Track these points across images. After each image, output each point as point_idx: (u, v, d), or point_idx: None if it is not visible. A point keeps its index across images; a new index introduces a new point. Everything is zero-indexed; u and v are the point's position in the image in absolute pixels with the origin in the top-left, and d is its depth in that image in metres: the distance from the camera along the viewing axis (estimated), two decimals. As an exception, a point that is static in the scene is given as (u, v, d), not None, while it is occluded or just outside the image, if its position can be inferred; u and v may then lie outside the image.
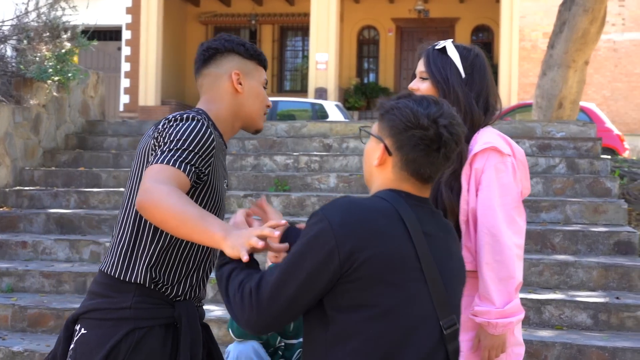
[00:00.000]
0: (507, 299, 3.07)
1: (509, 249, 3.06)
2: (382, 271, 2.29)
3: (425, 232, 2.39)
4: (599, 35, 13.04)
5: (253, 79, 3.02)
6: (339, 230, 2.28)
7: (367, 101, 24.91)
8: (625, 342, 5.59)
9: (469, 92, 3.24)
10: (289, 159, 9.13)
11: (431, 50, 3.31)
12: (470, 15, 25.74)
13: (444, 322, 2.38)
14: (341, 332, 2.31)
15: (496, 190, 3.10)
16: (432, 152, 2.38)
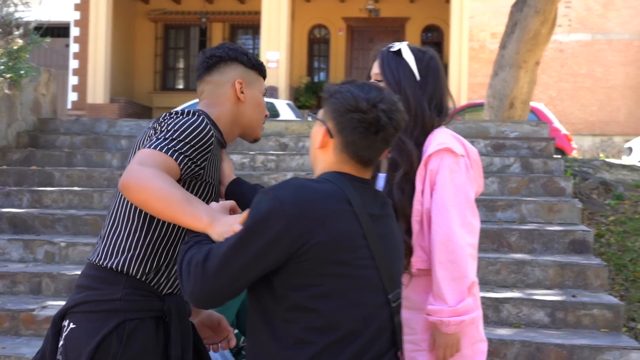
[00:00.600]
0: (459, 298, 3.10)
1: (462, 248, 3.10)
2: (332, 251, 2.37)
3: (370, 212, 2.49)
4: (549, 36, 13.21)
5: (254, 89, 3.07)
6: (290, 211, 2.33)
7: (317, 100, 24.91)
8: (582, 340, 5.67)
9: (421, 95, 3.26)
10: (245, 158, 9.10)
11: (386, 52, 3.33)
12: (421, 15, 25.89)
13: (391, 296, 2.51)
14: (293, 309, 2.38)
15: (450, 190, 3.13)
16: (370, 135, 2.47)
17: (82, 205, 8.36)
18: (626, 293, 6.95)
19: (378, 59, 3.35)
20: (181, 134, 2.72)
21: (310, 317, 2.38)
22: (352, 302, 2.42)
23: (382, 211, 2.60)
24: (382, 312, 2.50)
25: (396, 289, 2.57)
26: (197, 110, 2.92)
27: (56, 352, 2.81)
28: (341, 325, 2.40)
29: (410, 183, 3.20)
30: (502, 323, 6.12)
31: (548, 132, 9.92)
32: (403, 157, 3.20)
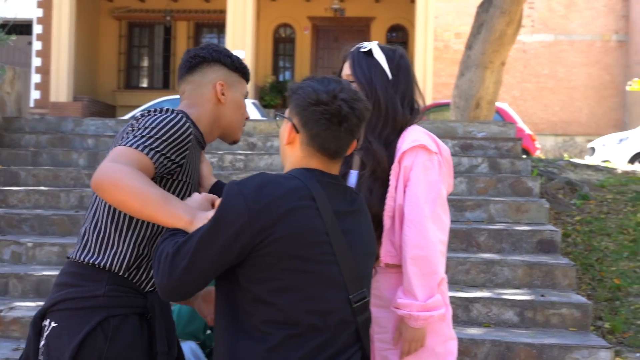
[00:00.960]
0: (429, 294, 3.12)
1: (433, 244, 3.12)
2: (292, 247, 2.42)
3: (336, 209, 2.53)
4: (515, 36, 13.31)
5: (236, 91, 3.07)
6: (253, 206, 2.40)
7: (283, 99, 24.89)
8: (551, 339, 5.72)
9: (393, 94, 3.29)
10: (214, 158, 9.06)
11: (356, 52, 3.34)
12: (386, 15, 25.95)
13: (353, 296, 2.54)
14: (254, 302, 2.44)
15: (423, 187, 3.16)
16: (333, 126, 2.53)
17: (48, 205, 8.28)
18: (593, 292, 7.02)
19: (349, 59, 3.36)
20: (158, 132, 2.71)
21: (269, 310, 2.44)
22: (311, 297, 2.46)
23: (350, 207, 2.64)
24: (343, 309, 2.54)
25: (361, 288, 2.59)
26: (177, 110, 2.90)
27: (38, 353, 2.78)
28: (300, 319, 2.45)
29: (379, 182, 3.23)
30: (472, 322, 6.16)
31: (515, 132, 9.99)
32: (369, 157, 3.23)
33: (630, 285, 7.10)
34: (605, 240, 8.08)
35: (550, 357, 5.55)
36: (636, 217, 8.65)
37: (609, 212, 8.89)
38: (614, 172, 11.35)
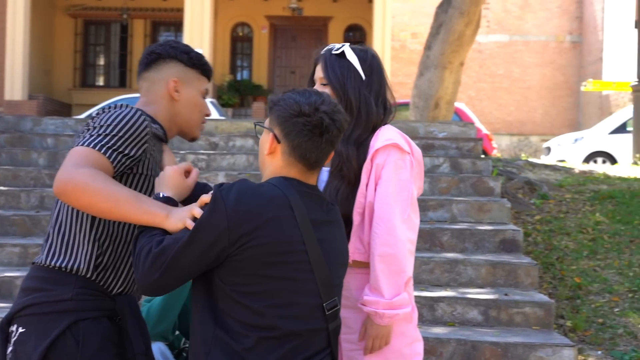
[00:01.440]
0: (396, 292, 3.15)
1: (402, 243, 3.15)
2: (267, 255, 2.50)
3: (312, 219, 2.60)
4: (474, 37, 13.44)
5: (192, 88, 3.03)
6: (233, 214, 2.47)
7: (240, 98, 24.84)
8: (516, 338, 5.77)
9: (367, 94, 3.31)
10: (176, 157, 8.99)
11: (329, 55, 3.35)
12: (343, 15, 26.01)
13: (327, 304, 2.62)
14: (230, 302, 2.51)
15: (395, 185, 3.19)
16: (315, 137, 2.61)
17: (8, 205, 8.17)
18: (554, 291, 7.10)
19: (321, 62, 3.37)
20: (113, 129, 2.70)
21: (245, 312, 2.51)
22: (286, 303, 2.54)
23: (327, 217, 2.72)
24: (315, 315, 2.61)
25: (333, 296, 2.66)
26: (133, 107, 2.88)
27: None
28: (274, 324, 2.52)
29: (345, 181, 3.25)
30: (437, 322, 6.20)
31: (475, 132, 10.08)
32: (335, 156, 3.23)
33: (590, 284, 7.20)
34: (565, 239, 8.18)
35: (515, 356, 5.61)
36: (595, 217, 8.78)
37: (568, 212, 9.01)
38: (571, 172, 11.51)
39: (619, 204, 9.22)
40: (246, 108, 24.15)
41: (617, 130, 19.18)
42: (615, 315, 6.67)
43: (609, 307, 6.83)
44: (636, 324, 6.51)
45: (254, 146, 9.39)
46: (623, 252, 7.86)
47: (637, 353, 5.96)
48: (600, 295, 7.05)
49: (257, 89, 25.15)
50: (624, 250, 7.91)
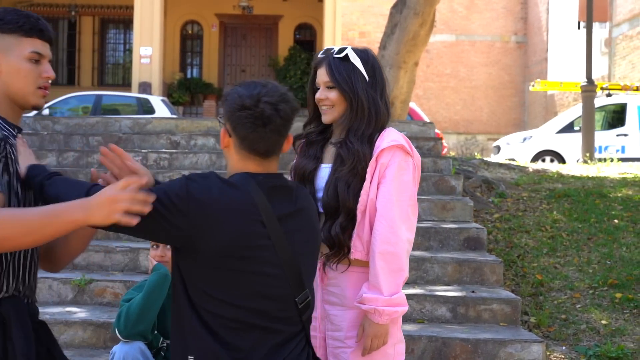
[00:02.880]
0: (394, 290, 3.20)
1: (402, 242, 3.21)
2: (229, 249, 2.56)
3: (278, 213, 2.65)
4: (428, 37, 13.56)
5: (12, 55, 2.70)
6: (194, 203, 2.54)
7: (191, 96, 24.73)
8: (485, 334, 5.87)
9: (374, 94, 3.36)
10: (137, 156, 8.98)
11: (332, 59, 3.39)
12: (294, 13, 26.05)
13: (298, 299, 2.68)
14: (200, 299, 2.58)
15: (397, 186, 3.24)
16: (259, 128, 2.65)
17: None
18: (517, 288, 7.22)
19: (324, 66, 3.40)
20: None
21: (216, 303, 2.58)
22: (251, 297, 2.60)
23: (294, 207, 2.75)
24: (286, 308, 2.67)
25: (304, 289, 2.71)
26: None
27: None
28: (239, 316, 2.59)
29: (358, 178, 3.28)
30: (406, 319, 6.26)
31: (434, 132, 10.19)
32: (350, 155, 3.28)
33: (551, 281, 7.33)
34: (524, 237, 8.32)
35: (485, 352, 5.71)
36: (552, 215, 8.94)
37: (526, 210, 9.16)
38: (525, 171, 11.68)
39: (574, 203, 9.40)
40: (197, 106, 24.07)
41: (564, 130, 19.49)
42: (578, 312, 6.81)
43: (571, 304, 6.97)
44: (598, 319, 6.66)
45: (215, 145, 9.40)
46: (582, 250, 8.02)
47: (601, 348, 6.09)
48: (561, 291, 7.19)
49: (208, 87, 25.08)
50: (582, 248, 8.07)
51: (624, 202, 9.44)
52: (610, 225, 8.62)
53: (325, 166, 3.39)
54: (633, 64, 26.08)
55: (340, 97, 3.34)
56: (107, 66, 27.12)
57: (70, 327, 5.91)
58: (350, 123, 3.33)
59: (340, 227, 3.27)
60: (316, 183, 3.40)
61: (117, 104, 19.95)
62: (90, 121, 10.34)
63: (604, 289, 7.17)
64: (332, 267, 3.30)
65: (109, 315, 6.07)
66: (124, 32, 26.11)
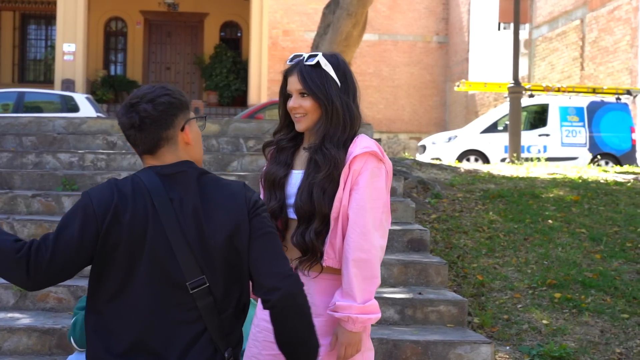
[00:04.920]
0: (367, 298, 3.20)
1: (375, 249, 3.22)
2: (124, 239, 2.65)
3: (172, 197, 2.72)
4: (360, 38, 13.66)
5: None
6: (98, 209, 2.65)
7: (115, 94, 24.41)
8: (434, 336, 5.93)
9: (347, 100, 3.37)
10: (74, 157, 8.82)
11: (304, 66, 3.38)
12: (219, 11, 25.93)
13: (190, 283, 2.69)
14: (99, 288, 2.70)
15: (370, 192, 3.25)
16: (127, 131, 2.81)
17: None
18: (459, 289, 7.31)
19: (296, 74, 3.37)
20: None
21: (102, 297, 2.72)
22: (139, 285, 2.68)
23: (187, 195, 2.78)
24: (176, 296, 2.70)
25: (199, 275, 2.71)
26: None
27: None
28: (128, 310, 2.69)
29: (333, 184, 3.28)
30: (355, 321, 6.29)
31: (372, 132, 10.24)
32: (327, 161, 3.27)
33: (492, 281, 7.45)
34: (463, 237, 8.42)
35: (435, 353, 5.77)
36: (488, 215, 9.08)
37: (462, 211, 9.28)
38: (457, 171, 11.82)
39: (509, 203, 9.56)
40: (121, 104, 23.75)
41: (488, 130, 19.83)
42: (519, 312, 6.94)
43: (512, 304, 7.09)
44: (539, 319, 6.79)
45: (153, 145, 9.28)
46: (519, 250, 8.16)
47: (544, 348, 6.21)
48: (502, 292, 7.31)
49: (132, 84, 24.79)
50: (519, 248, 8.21)
51: (556, 203, 9.64)
52: (545, 225, 8.79)
53: (297, 172, 3.39)
54: (552, 65, 26.68)
55: (314, 104, 3.32)
56: (28, 62, 26.57)
57: (14, 334, 5.77)
58: (326, 130, 3.32)
59: (314, 233, 3.27)
60: (287, 189, 3.39)
61: (40, 102, 19.58)
62: (23, 121, 10.13)
63: (543, 289, 7.32)
64: (304, 273, 3.29)
65: (53, 321, 5.95)
66: (46, 27, 25.64)
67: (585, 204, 9.65)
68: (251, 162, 8.96)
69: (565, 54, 25.79)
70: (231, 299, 2.78)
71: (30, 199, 7.73)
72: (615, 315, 6.87)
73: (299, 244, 3.27)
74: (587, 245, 8.29)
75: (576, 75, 24.86)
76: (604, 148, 19.30)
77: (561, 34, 26.12)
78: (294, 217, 3.34)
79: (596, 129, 19.49)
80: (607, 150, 19.27)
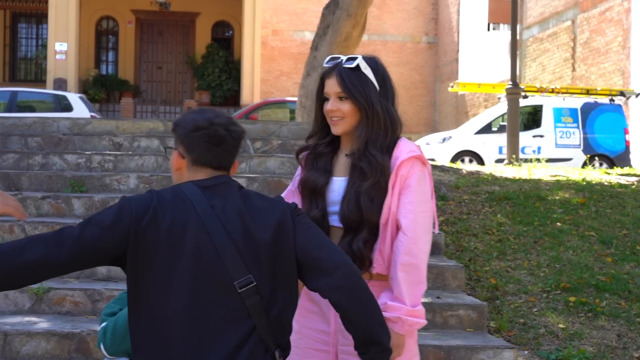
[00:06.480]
0: (415, 302, 3.19)
1: (424, 254, 3.20)
2: (163, 241, 2.64)
3: (213, 205, 2.72)
4: (360, 39, 13.62)
5: None
6: (136, 208, 2.66)
7: (107, 93, 24.28)
8: (456, 341, 5.91)
9: (387, 104, 3.33)
10: (81, 158, 8.75)
11: (343, 69, 3.34)
12: (211, 11, 25.84)
13: (238, 282, 2.67)
14: (139, 293, 2.68)
15: (418, 196, 3.22)
16: (213, 147, 2.79)
17: None
18: (473, 292, 7.29)
19: (335, 77, 3.33)
20: None
21: (151, 298, 2.71)
22: (188, 286, 2.67)
23: (229, 203, 2.77)
24: (225, 295, 2.68)
25: (247, 274, 2.70)
26: None
27: None
28: (177, 308, 2.67)
29: (381, 191, 3.25)
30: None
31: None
32: (374, 169, 3.24)
33: (505, 285, 7.43)
34: (473, 240, 8.40)
35: (458, 358, 5.74)
36: (497, 218, 9.07)
37: (470, 213, 9.26)
38: (460, 173, 11.82)
39: (515, 206, 9.55)
40: (114, 103, 23.65)
41: (482, 130, 19.83)
42: (535, 315, 6.92)
43: (528, 307, 7.07)
44: (555, 323, 6.77)
45: (159, 147, 9.23)
46: (530, 253, 8.15)
47: (562, 352, 6.20)
48: (516, 295, 7.29)
49: (124, 84, 24.69)
50: (530, 251, 8.20)
51: (563, 205, 9.64)
52: (554, 228, 8.79)
53: (338, 179, 3.35)
54: (543, 65, 26.74)
55: (353, 108, 3.29)
56: (19, 61, 26.40)
57: (32, 338, 5.70)
58: (367, 134, 3.28)
59: (363, 242, 3.24)
60: (328, 196, 3.35)
61: (32, 101, 19.46)
62: (27, 121, 10.04)
63: (557, 293, 7.30)
64: None
65: (72, 325, 5.89)
66: (37, 26, 25.47)
67: (592, 206, 9.65)
68: (259, 164, 8.91)
69: (556, 54, 25.86)
70: (277, 300, 2.76)
71: (40, 200, 7.65)
72: (631, 319, 6.86)
73: (346, 253, 3.23)
74: (598, 249, 8.29)
75: (567, 76, 24.92)
76: (598, 149, 19.34)
77: (552, 34, 26.19)
78: (338, 225, 3.31)
79: (590, 130, 19.52)
80: (601, 152, 19.31)
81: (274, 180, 8.21)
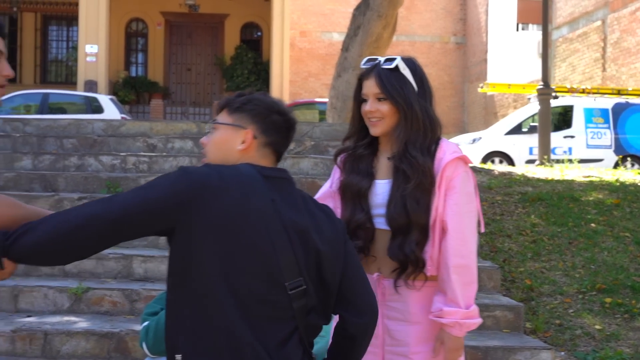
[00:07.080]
0: (469, 303, 3.19)
1: (473, 254, 3.21)
2: (217, 225, 2.48)
3: (274, 198, 2.60)
4: (390, 39, 13.63)
5: None
6: (197, 181, 2.49)
7: (137, 95, 24.42)
8: (493, 341, 5.90)
9: (426, 105, 3.33)
10: (116, 160, 8.81)
11: (382, 70, 3.34)
12: (240, 12, 25.91)
13: (289, 283, 2.59)
14: (186, 268, 2.52)
15: (464, 197, 3.23)
16: (286, 134, 2.77)
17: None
18: (508, 293, 7.27)
19: (373, 77, 3.33)
20: None
21: (196, 285, 2.57)
22: (235, 275, 2.54)
23: (287, 200, 2.69)
24: (275, 294, 2.58)
25: (298, 277, 2.61)
26: None
27: None
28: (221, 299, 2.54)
29: (425, 192, 3.25)
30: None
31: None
32: (415, 170, 3.23)
33: (541, 286, 7.40)
34: (507, 241, 8.38)
35: (495, 359, 5.73)
36: (530, 219, 9.03)
37: (503, 214, 9.23)
38: (492, 174, 11.79)
39: (549, 206, 9.51)
40: (143, 105, 23.77)
41: (513, 131, 19.75)
42: (571, 317, 6.89)
43: (563, 309, 7.05)
44: (591, 324, 6.75)
45: (193, 148, 9.27)
46: (564, 254, 8.12)
47: (599, 353, 6.17)
48: (552, 296, 7.27)
49: (154, 86, 24.80)
50: (564, 252, 8.17)
51: (597, 206, 9.59)
52: (589, 229, 8.74)
53: (381, 182, 3.35)
54: (573, 66, 26.58)
55: (392, 109, 3.28)
56: (50, 63, 26.61)
57: (72, 338, 5.77)
58: (407, 135, 3.28)
59: (415, 244, 3.24)
60: (372, 199, 3.34)
61: (64, 103, 19.60)
62: (62, 123, 10.12)
63: (592, 294, 7.27)
64: (408, 284, 3.26)
65: (111, 325, 5.94)
66: (67, 28, 25.67)
67: (626, 207, 9.59)
68: (293, 165, 8.93)
69: (586, 55, 25.69)
70: (317, 305, 2.73)
71: (77, 202, 7.71)
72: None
73: (396, 256, 3.24)
74: (633, 250, 8.24)
75: (597, 76, 24.76)
76: (629, 150, 19.19)
77: (582, 34, 26.02)
78: (385, 228, 3.30)
79: (622, 130, 19.38)
80: (633, 152, 19.17)
81: (308, 181, 8.24)
